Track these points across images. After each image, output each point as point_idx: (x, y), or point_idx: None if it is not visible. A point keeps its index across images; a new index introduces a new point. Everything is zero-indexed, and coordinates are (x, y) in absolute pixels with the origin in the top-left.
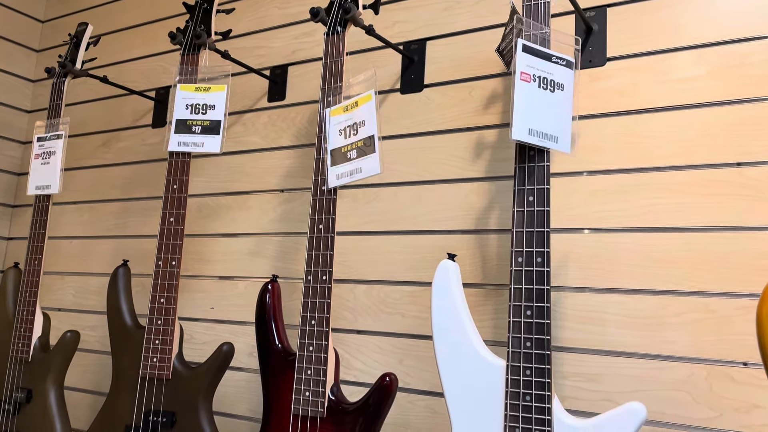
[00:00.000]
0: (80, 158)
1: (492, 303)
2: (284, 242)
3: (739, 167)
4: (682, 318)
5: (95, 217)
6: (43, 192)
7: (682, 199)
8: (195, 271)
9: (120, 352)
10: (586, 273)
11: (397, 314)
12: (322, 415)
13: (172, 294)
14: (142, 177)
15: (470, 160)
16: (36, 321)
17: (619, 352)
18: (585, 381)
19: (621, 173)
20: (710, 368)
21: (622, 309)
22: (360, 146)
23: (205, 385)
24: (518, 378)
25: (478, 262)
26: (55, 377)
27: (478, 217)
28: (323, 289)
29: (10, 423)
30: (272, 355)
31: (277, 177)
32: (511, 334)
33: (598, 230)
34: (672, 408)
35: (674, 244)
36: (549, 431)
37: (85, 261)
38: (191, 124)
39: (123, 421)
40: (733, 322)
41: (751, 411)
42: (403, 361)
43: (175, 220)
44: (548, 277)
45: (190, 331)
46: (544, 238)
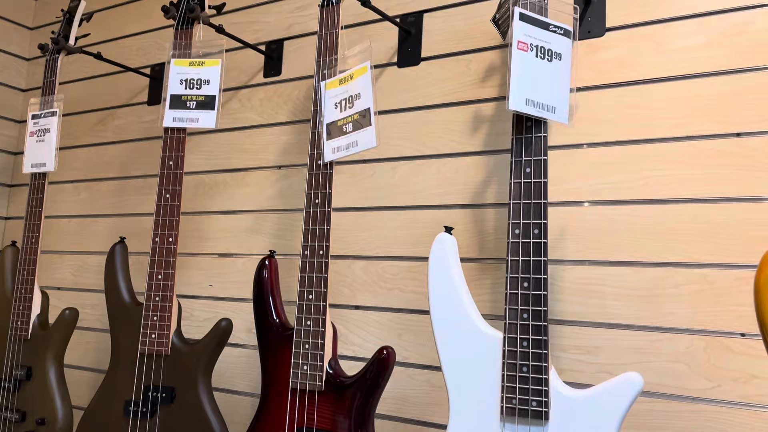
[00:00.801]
0: (76, 137)
1: (490, 277)
2: (282, 219)
3: (738, 137)
4: (680, 290)
5: (92, 196)
6: (38, 170)
7: (682, 171)
8: (193, 248)
9: (118, 329)
10: (585, 246)
11: (396, 289)
12: (321, 388)
13: (169, 270)
14: (138, 155)
15: (468, 134)
16: (34, 299)
17: (618, 324)
18: (584, 353)
19: (620, 145)
20: (709, 339)
21: (620, 281)
22: (356, 119)
23: (204, 360)
24: (515, 349)
25: (476, 237)
26: (55, 354)
27: (476, 191)
28: (320, 263)
29: (10, 400)
30: (270, 330)
31: (274, 153)
32: (508, 306)
33: (596, 203)
34: (670, 379)
35: (673, 215)
36: (546, 402)
37: (83, 240)
38: (186, 99)
39: (123, 396)
40: (732, 293)
41: (749, 381)
42: (402, 335)
43: (171, 196)
44: (545, 249)
45: (190, 309)
46: (541, 210)
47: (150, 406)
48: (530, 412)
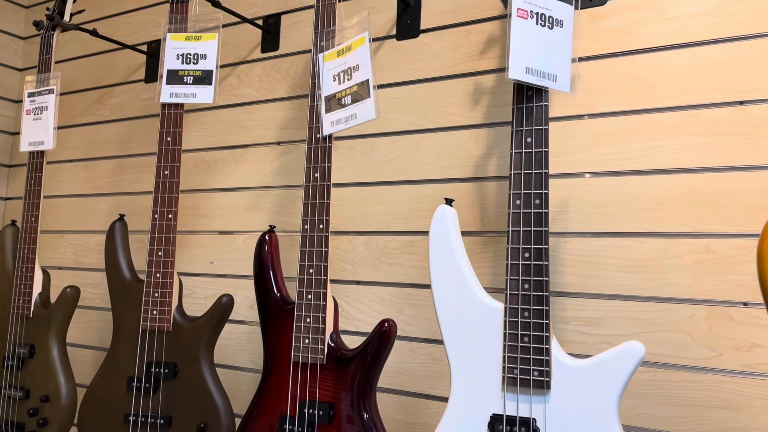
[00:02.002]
0: (74, 116)
1: (491, 250)
2: (282, 195)
3: (742, 105)
4: (682, 260)
5: (91, 175)
6: (36, 148)
7: (684, 140)
8: (194, 226)
9: (120, 306)
10: (587, 218)
11: (397, 264)
12: (322, 361)
13: (169, 247)
14: (137, 133)
15: (468, 106)
16: (35, 278)
17: (620, 295)
18: (585, 325)
19: (621, 115)
20: (710, 309)
21: (622, 252)
22: (354, 91)
23: (206, 336)
24: (516, 320)
25: (477, 210)
26: (57, 332)
27: (477, 164)
28: (320, 237)
29: (14, 378)
30: (271, 305)
31: (273, 129)
32: (509, 277)
33: (598, 174)
34: (672, 349)
35: (675, 186)
36: (547, 371)
37: (84, 219)
38: (183, 74)
39: (125, 373)
40: (734, 263)
41: (751, 350)
42: (403, 310)
43: (170, 173)
44: (546, 219)
45: (191, 287)
46: (542, 180)
47: (153, 382)
48: (532, 382)
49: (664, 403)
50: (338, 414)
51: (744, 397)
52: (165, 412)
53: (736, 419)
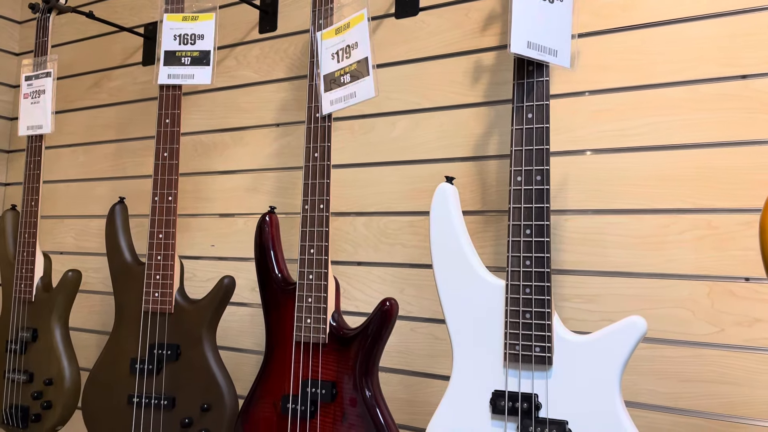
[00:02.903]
0: (72, 100)
1: (492, 230)
2: (282, 177)
3: (744, 79)
4: (684, 236)
5: (91, 160)
6: (34, 132)
7: (686, 116)
8: (194, 209)
9: (122, 289)
10: (588, 195)
11: (398, 244)
12: (324, 341)
13: (170, 229)
14: (135, 116)
15: (469, 85)
16: (37, 262)
17: (621, 272)
18: (586, 302)
19: (622, 91)
20: (712, 284)
21: (623, 229)
22: (353, 69)
23: (208, 317)
24: (518, 296)
25: (478, 189)
26: (60, 315)
27: (478, 143)
28: (321, 217)
29: (18, 362)
30: (273, 285)
31: (272, 111)
32: (511, 254)
33: (599, 151)
34: (673, 325)
35: (677, 161)
36: (549, 347)
37: (84, 204)
38: (180, 55)
39: (128, 355)
40: (736, 238)
41: (753, 325)
42: (404, 290)
43: (169, 155)
44: (548, 196)
45: (193, 270)
46: (543, 156)
47: (156, 364)
48: (533, 358)
49: (665, 378)
50: (341, 392)
51: (745, 372)
52: (168, 393)
53: (738, 394)
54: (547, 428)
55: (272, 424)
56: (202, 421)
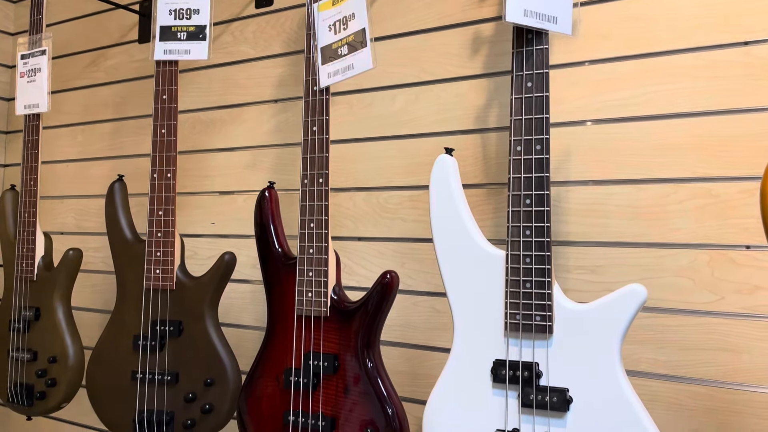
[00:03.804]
0: (69, 79)
1: (492, 202)
2: (281, 154)
3: (746, 46)
4: (685, 205)
5: (89, 139)
6: (31, 111)
7: (687, 84)
8: (193, 187)
9: (123, 266)
10: (589, 166)
11: (398, 219)
12: (326, 314)
13: (169, 206)
14: (133, 95)
15: (468, 57)
16: (37, 241)
17: (622, 242)
18: (587, 273)
19: (623, 60)
20: (713, 253)
21: (624, 200)
22: (351, 41)
23: (210, 293)
24: (518, 266)
25: (479, 162)
26: (62, 294)
27: (477, 115)
28: (320, 191)
29: (21, 341)
30: (273, 260)
31: (270, 87)
32: (511, 224)
33: (600, 121)
34: (674, 294)
35: (678, 130)
36: (549, 316)
37: (83, 183)
38: (176, 30)
39: (131, 331)
40: (737, 206)
41: (753, 292)
42: (405, 264)
43: (167, 131)
44: (547, 165)
45: (194, 248)
46: (543, 125)
47: (158, 340)
48: (534, 327)
49: (665, 347)
50: (343, 364)
51: (745, 339)
52: (171, 369)
53: (738, 361)
54: (547, 396)
55: (275, 397)
56: (205, 396)
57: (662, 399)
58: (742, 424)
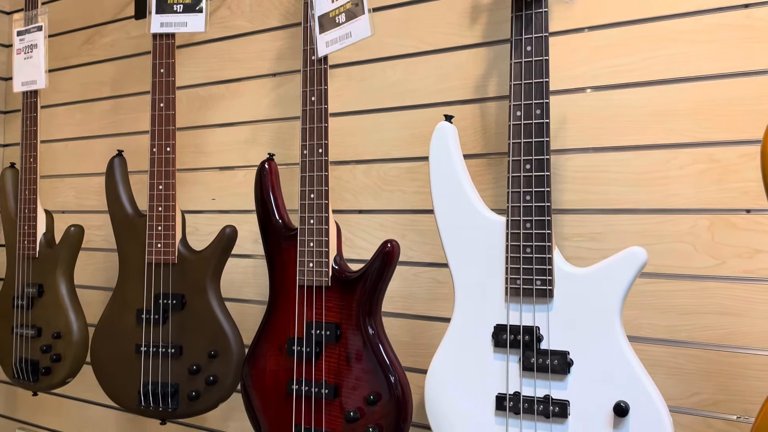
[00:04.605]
0: (65, 57)
1: (492, 172)
2: (280, 128)
3: (746, 9)
4: (685, 170)
5: (88, 117)
6: (29, 88)
7: (687, 48)
8: (193, 164)
9: (124, 241)
10: (588, 133)
11: (398, 191)
12: (327, 284)
13: (169, 180)
14: (130, 72)
15: (466, 25)
16: (39, 218)
17: (622, 209)
18: (587, 240)
19: (622, 26)
20: (713, 217)
21: (624, 166)
22: (348, 8)
23: (212, 266)
24: (518, 232)
25: (478, 132)
26: (64, 270)
27: (477, 85)
28: (320, 162)
29: (25, 317)
30: (274, 232)
31: (268, 61)
32: (511, 189)
33: (599, 88)
34: (674, 260)
35: (678, 95)
36: (550, 280)
37: (83, 162)
38: (172, 2)
39: (134, 306)
40: (738, 170)
41: (753, 256)
42: (406, 236)
43: (165, 105)
44: (547, 129)
45: (194, 224)
46: (543, 89)
47: (162, 313)
48: (534, 291)
49: (665, 312)
50: (345, 333)
51: (745, 303)
52: (175, 342)
53: (737, 324)
54: (548, 359)
55: (279, 366)
56: (209, 367)
57: (662, 363)
58: (743, 386)
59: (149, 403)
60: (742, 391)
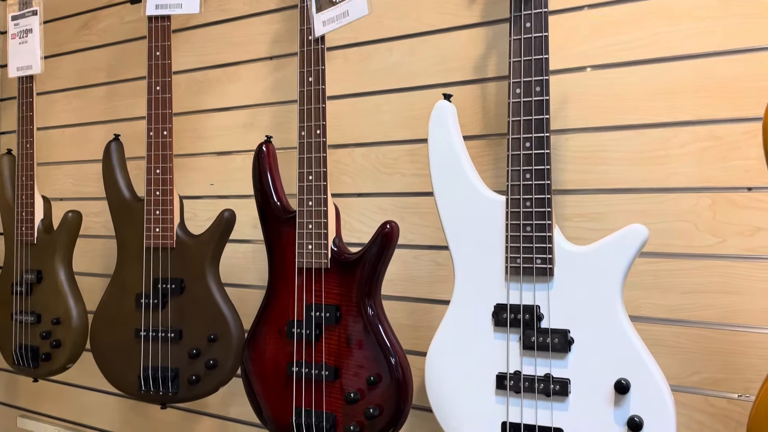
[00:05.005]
0: (61, 43)
1: (492, 153)
2: (278, 112)
3: None
4: (687, 148)
5: (84, 104)
6: (24, 73)
7: (687, 25)
8: (191, 149)
9: (122, 226)
10: (589, 113)
11: (397, 174)
12: (326, 266)
13: (167, 164)
14: (126, 57)
15: (465, 5)
16: (36, 204)
17: (623, 189)
18: (587, 221)
19: (622, 3)
20: (714, 196)
21: (625, 146)
22: None
23: (210, 251)
24: (518, 210)
25: (478, 113)
26: (63, 256)
27: (476, 65)
28: (318, 143)
29: (24, 304)
30: (273, 214)
31: (265, 44)
32: (510, 168)
33: (599, 67)
34: (675, 239)
35: (679, 73)
36: (550, 258)
37: (80, 148)
38: None
39: (133, 290)
40: (740, 147)
41: (754, 234)
42: (405, 219)
43: (161, 88)
44: (547, 106)
45: (193, 209)
46: (542, 66)
47: (161, 298)
48: (535, 270)
49: (666, 291)
50: (344, 315)
51: (747, 281)
52: (175, 326)
53: (739, 302)
54: (549, 337)
55: (279, 349)
56: (209, 351)
57: (663, 343)
58: (744, 364)
59: (149, 387)
60: (743, 369)
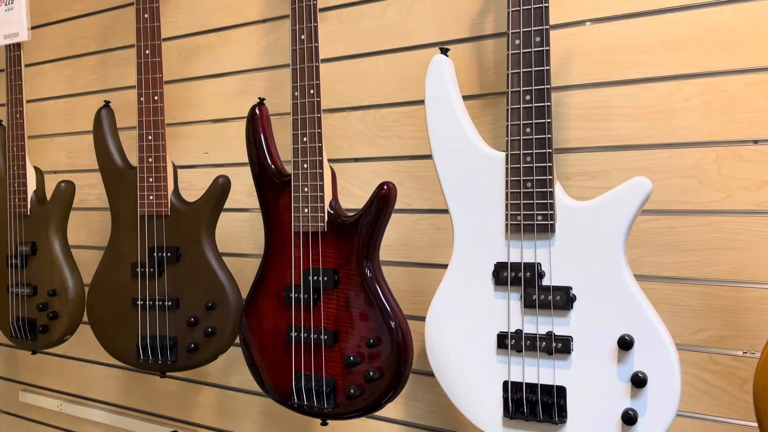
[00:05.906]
0: (48, 12)
1: (491, 113)
2: (272, 77)
3: None
4: (691, 102)
5: (75, 74)
6: (12, 41)
7: None
8: (184, 117)
9: (116, 195)
10: (590, 68)
11: (394, 137)
12: (323, 229)
13: (159, 130)
14: (115, 25)
15: None
16: (28, 175)
17: (626, 146)
18: (590, 179)
19: None
20: (720, 150)
21: (628, 101)
22: None
23: (206, 217)
24: (518, 166)
25: (476, 72)
26: (57, 227)
27: (474, 22)
28: (312, 103)
29: (20, 276)
30: (268, 178)
31: (257, 6)
32: (510, 122)
33: (599, 20)
34: (679, 195)
35: (682, 24)
36: (551, 215)
37: (72, 120)
38: None
39: (128, 259)
40: (745, 99)
41: (761, 188)
42: (403, 183)
43: (151, 51)
44: (548, 57)
45: (188, 179)
46: (542, 14)
47: (157, 266)
48: (536, 227)
49: (670, 249)
50: (342, 278)
51: (752, 236)
52: (172, 295)
53: (744, 258)
54: (551, 295)
55: (277, 315)
56: (207, 319)
57: (667, 301)
58: (749, 321)
59: (148, 356)
60: (748, 326)
